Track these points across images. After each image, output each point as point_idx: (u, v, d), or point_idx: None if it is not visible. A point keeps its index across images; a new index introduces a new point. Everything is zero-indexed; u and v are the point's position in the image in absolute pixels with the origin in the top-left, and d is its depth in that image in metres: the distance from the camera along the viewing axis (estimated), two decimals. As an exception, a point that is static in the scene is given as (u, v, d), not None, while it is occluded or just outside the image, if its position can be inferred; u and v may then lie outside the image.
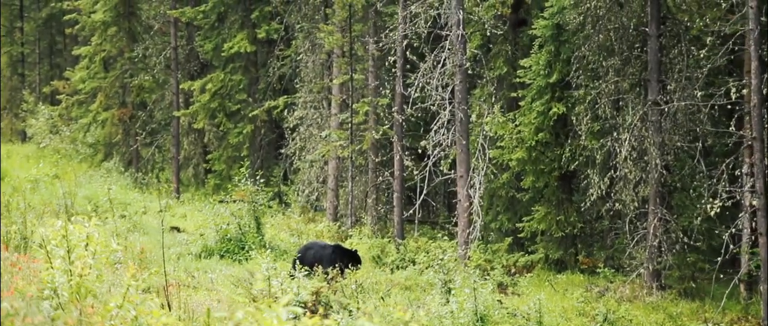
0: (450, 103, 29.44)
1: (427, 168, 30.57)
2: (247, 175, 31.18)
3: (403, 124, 34.12)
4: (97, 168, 47.44)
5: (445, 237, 32.56)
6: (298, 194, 41.43)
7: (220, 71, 45.51)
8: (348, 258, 25.38)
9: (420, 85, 29.74)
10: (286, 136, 43.02)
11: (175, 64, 46.44)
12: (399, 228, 33.84)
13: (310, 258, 25.41)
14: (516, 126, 32.14)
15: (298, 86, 42.23)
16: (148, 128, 48.28)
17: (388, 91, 34.22)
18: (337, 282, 24.87)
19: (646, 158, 29.17)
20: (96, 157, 49.35)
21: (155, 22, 48.16)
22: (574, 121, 30.55)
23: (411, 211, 33.64)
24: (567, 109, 31.78)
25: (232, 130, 45.47)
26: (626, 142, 28.54)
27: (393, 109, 34.11)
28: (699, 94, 28.40)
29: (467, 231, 29.55)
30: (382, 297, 24.50)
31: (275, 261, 29.32)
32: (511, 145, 32.23)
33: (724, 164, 28.48)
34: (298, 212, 40.57)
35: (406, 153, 34.24)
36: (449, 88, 29.57)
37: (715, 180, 28.66)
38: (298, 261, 24.65)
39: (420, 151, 34.13)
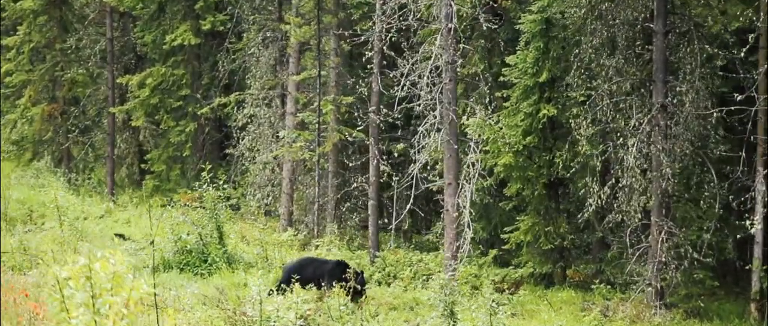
0: (440, 104, 26.68)
1: (414, 174, 27.77)
2: (207, 179, 28.09)
3: (381, 125, 31.36)
4: (25, 167, 43.95)
5: (427, 251, 30.05)
6: (249, 198, 38.43)
7: (161, 65, 42.32)
8: (352, 277, 22.64)
9: (405, 83, 26.92)
10: (234, 135, 39.94)
11: (111, 56, 43.21)
12: (374, 239, 31.09)
13: (309, 274, 22.56)
14: (501, 128, 29.49)
15: (249, 82, 39.20)
16: (80, 125, 44.76)
17: (361, 89, 31.32)
18: (325, 302, 22.18)
19: (647, 165, 26.79)
20: (23, 155, 45.69)
21: (89, 11, 44.64)
22: (572, 124, 27.98)
23: (398, 221, 30.70)
24: (557, 110, 29.31)
25: (173, 128, 42.32)
26: (634, 148, 26.09)
27: (370, 109, 31.29)
28: (708, 94, 26.16)
29: (455, 244, 26.87)
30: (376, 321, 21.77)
31: (239, 274, 26.68)
32: (496, 149, 29.61)
33: (735, 173, 26.35)
34: (248, 217, 37.64)
35: (384, 157, 31.48)
36: (438, 88, 26.80)
37: (725, 190, 26.46)
38: (289, 278, 21.84)
39: (396, 154, 31.45)
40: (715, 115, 26.30)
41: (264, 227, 31.21)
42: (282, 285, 22.58)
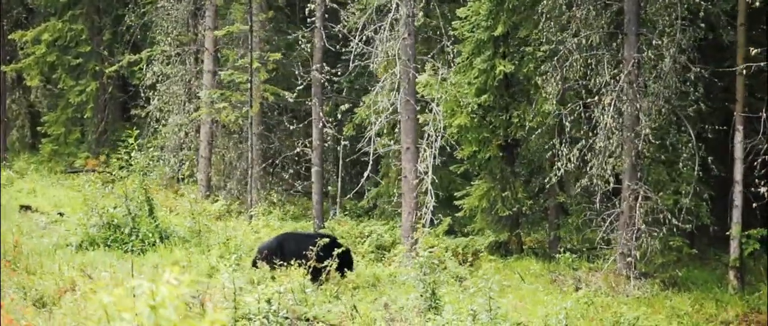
0: (399, 60, 24.20)
1: (370, 137, 25.28)
2: (136, 146, 25.18)
3: (326, 84, 28.76)
4: None
5: (380, 221, 27.72)
6: (162, 164, 35.43)
7: (57, 19, 38.97)
8: (339, 256, 20.16)
9: (361, 38, 24.37)
10: (142, 95, 36.86)
11: (-1, 10, 39.70)
12: (318, 209, 28.56)
13: (292, 250, 19.90)
14: (452, 86, 27.13)
15: (159, 38, 36.12)
16: (-34, 85, 41.19)
17: (303, 45, 28.65)
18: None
19: (618, 125, 24.78)
20: None
21: (-28, -40, 40.98)
22: (538, 82, 25.78)
23: (358, 188, 28.12)
24: (514, 67, 27.11)
25: (72, 87, 39.08)
26: (610, 107, 24.04)
27: (313, 67, 28.62)
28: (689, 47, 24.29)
29: (414, 213, 24.55)
30: (354, 307, 19.32)
31: (175, 251, 24.05)
32: (449, 109, 27.27)
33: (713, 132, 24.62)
34: (160, 184, 34.71)
35: (329, 120, 28.89)
36: (397, 43, 24.32)
37: (703, 150, 24.68)
38: (269, 256, 19.27)
39: (340, 116, 28.95)
40: (693, 70, 24.36)
41: (195, 198, 28.41)
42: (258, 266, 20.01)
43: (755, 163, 23.69)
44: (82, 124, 40.17)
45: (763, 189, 22.82)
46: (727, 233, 25.04)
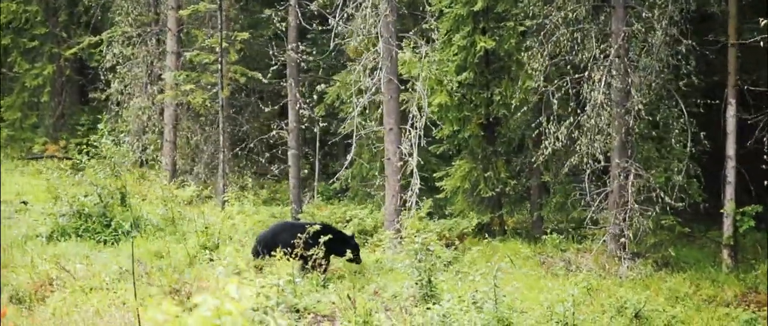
0: (381, 38, 23.22)
1: (353, 118, 24.29)
2: (105, 132, 24.06)
3: (302, 64, 27.69)
4: None
5: (358, 205, 26.75)
6: (126, 147, 34.12)
7: (10, 0, 37.61)
8: (340, 244, 19.21)
9: (342, 16, 23.33)
10: (101, 77, 35.55)
11: (-56, -9, 38.21)
12: (296, 193, 27.55)
13: (285, 240, 18.87)
14: (431, 63, 26.15)
15: (118, 19, 34.84)
16: None
17: (276, 24, 27.53)
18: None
19: (607, 101, 24.00)
20: None
21: None
22: (524, 57, 24.89)
23: (341, 173, 27.05)
24: (495, 43, 26.23)
25: (28, 71, 37.73)
26: (601, 83, 23.23)
27: (288, 47, 27.54)
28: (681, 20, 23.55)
29: (398, 197, 23.64)
30: (348, 296, 18.36)
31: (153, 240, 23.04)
32: (429, 87, 26.31)
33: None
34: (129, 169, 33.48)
35: (307, 101, 27.83)
36: (379, 21, 23.33)
37: (696, 126, 23.99)
38: (263, 247, 18.28)
39: (316, 97, 27.90)
40: (684, 43, 23.61)
41: (167, 184, 27.29)
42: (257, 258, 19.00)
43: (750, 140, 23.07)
44: (38, 108, 38.87)
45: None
46: (722, 211, 24.37)
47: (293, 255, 17.98)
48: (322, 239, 18.47)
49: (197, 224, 23.14)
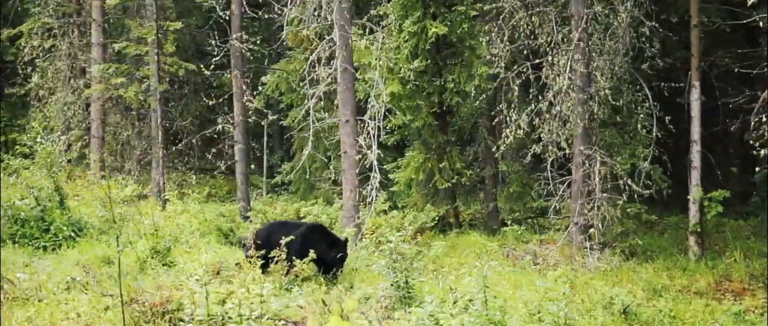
0: (337, 24, 21.97)
1: (308, 109, 22.99)
2: (40, 131, 22.55)
3: (248, 54, 26.29)
4: None
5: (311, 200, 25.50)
6: (51, 144, 32.41)
7: None
8: (329, 246, 18.00)
9: (296, 2, 22.04)
10: (20, 72, 33.77)
11: None
12: (244, 190, 26.19)
13: (277, 242, 17.57)
14: (388, 51, 24.97)
15: (37, 9, 33.11)
16: None
17: (219, 13, 26.11)
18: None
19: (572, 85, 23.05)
20: None
21: None
22: (482, 43, 23.89)
23: (298, 168, 25.69)
24: (448, 28, 25.16)
25: (-62, 66, 35.87)
26: (566, 68, 22.30)
27: (232, 37, 26.10)
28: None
29: (356, 192, 22.47)
30: (322, 301, 17.19)
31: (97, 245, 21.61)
32: (381, 74, 25.13)
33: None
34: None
35: (254, 93, 26.43)
36: (333, 6, 22.07)
37: (660, 111, 23.22)
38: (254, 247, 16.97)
39: (260, 88, 26.56)
40: (647, 24, 22.81)
41: (106, 184, 25.72)
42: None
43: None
44: (-52, 104, 36.97)
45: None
46: (689, 197, 23.64)
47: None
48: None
49: (144, 226, 21.72)
